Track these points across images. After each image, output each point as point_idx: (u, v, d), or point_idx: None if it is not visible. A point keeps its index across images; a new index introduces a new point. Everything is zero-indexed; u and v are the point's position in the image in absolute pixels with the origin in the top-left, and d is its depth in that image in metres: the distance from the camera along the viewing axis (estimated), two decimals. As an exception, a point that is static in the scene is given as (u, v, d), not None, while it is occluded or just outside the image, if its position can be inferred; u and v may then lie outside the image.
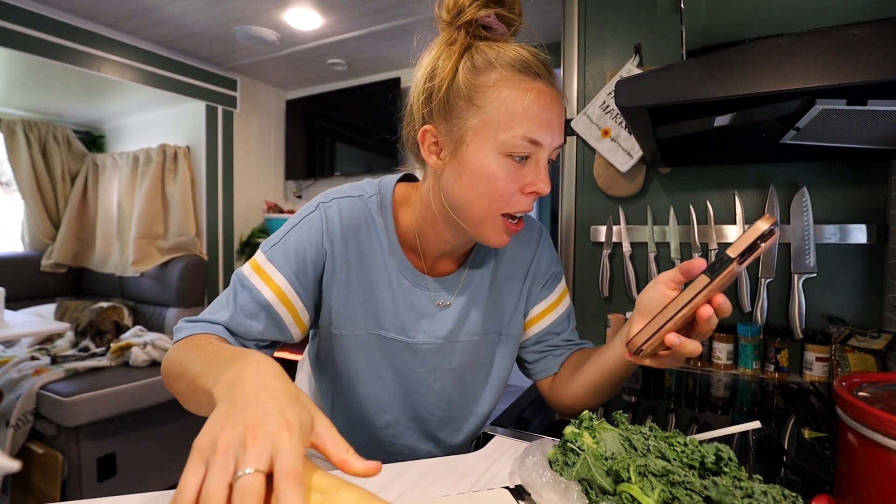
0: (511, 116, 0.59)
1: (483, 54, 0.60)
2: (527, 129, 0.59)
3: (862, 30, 0.55)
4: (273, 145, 3.46)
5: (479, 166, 0.60)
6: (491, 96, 0.59)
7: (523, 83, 0.59)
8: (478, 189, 0.61)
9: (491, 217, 0.62)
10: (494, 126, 0.59)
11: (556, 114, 0.61)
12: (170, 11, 2.27)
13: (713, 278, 0.48)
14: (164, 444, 2.09)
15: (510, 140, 0.59)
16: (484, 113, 0.59)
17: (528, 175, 0.61)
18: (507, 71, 0.60)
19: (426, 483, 0.59)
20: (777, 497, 0.44)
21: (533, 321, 0.80)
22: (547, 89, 0.60)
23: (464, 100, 0.60)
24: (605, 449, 0.52)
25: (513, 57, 0.60)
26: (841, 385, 0.47)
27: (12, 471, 1.52)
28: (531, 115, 0.59)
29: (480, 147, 0.60)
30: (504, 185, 0.60)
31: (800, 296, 1.12)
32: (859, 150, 0.95)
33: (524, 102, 0.59)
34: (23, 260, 3.05)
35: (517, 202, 0.62)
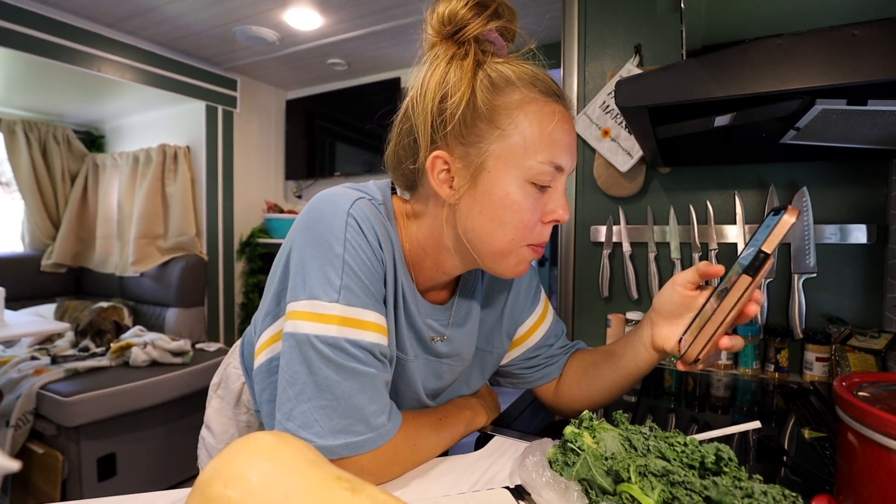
0: (538, 141, 0.55)
1: (498, 72, 0.56)
2: (553, 155, 0.55)
3: (862, 30, 0.55)
4: (273, 145, 3.46)
5: (505, 195, 0.55)
6: (516, 119, 0.55)
7: (547, 106, 0.56)
8: (501, 220, 0.56)
9: (517, 247, 0.58)
10: (520, 151, 0.55)
11: (574, 139, 0.59)
12: (170, 11, 2.27)
13: (755, 277, 0.49)
14: (164, 444, 2.09)
15: (537, 166, 0.55)
16: (508, 137, 0.55)
17: (548, 202, 0.58)
18: (530, 91, 0.56)
19: (426, 483, 0.59)
20: (777, 497, 0.44)
21: (522, 338, 0.78)
22: (566, 113, 0.58)
23: (485, 122, 0.55)
24: (605, 449, 0.52)
25: (532, 76, 0.57)
26: (841, 385, 0.47)
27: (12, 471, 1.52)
28: (556, 140, 0.56)
29: (504, 174, 0.55)
30: (529, 214, 0.56)
31: (800, 296, 1.12)
32: (859, 150, 0.95)
33: (550, 126, 0.55)
34: (23, 260, 3.05)
35: (540, 233, 0.58)
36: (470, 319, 0.71)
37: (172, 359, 2.17)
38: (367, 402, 0.53)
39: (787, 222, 0.48)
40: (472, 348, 0.72)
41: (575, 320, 1.43)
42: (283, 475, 0.37)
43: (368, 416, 0.53)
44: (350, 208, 0.57)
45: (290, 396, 0.53)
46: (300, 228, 0.58)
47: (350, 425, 0.52)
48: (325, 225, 0.56)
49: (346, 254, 0.55)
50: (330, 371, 0.52)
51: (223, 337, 3.15)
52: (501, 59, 0.58)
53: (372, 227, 0.57)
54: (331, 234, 0.55)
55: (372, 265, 0.56)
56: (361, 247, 0.56)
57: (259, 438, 0.40)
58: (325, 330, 0.53)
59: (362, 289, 0.55)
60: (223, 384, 0.78)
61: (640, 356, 0.65)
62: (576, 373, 0.76)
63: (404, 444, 0.58)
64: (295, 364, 0.53)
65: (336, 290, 0.54)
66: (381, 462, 0.55)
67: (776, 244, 0.48)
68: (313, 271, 0.55)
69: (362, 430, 0.53)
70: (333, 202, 0.57)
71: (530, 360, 0.78)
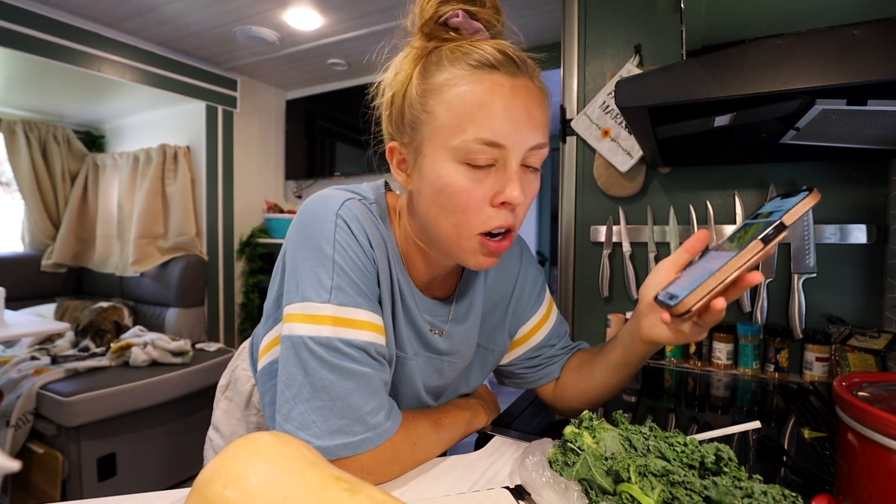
0: (461, 118, 0.52)
1: (436, 55, 0.55)
2: (480, 130, 0.51)
3: (862, 30, 0.55)
4: (273, 145, 3.46)
5: (437, 178, 0.54)
6: (443, 97, 0.53)
7: (475, 77, 0.52)
8: (440, 204, 0.54)
9: (464, 236, 0.55)
10: (445, 131, 0.52)
11: (523, 108, 0.52)
12: (170, 11, 2.27)
13: (767, 244, 0.49)
14: (164, 444, 2.09)
15: (462, 145, 0.51)
16: (434, 118, 0.53)
17: (495, 183, 0.53)
18: (459, 69, 0.52)
19: (426, 483, 0.59)
20: (777, 497, 0.44)
21: (524, 338, 0.77)
22: (507, 81, 0.52)
23: (417, 108, 0.54)
24: (605, 449, 0.52)
25: (466, 52, 0.53)
26: (841, 385, 0.47)
27: (12, 471, 1.52)
28: (486, 114, 0.51)
29: (435, 157, 0.54)
30: (466, 197, 0.53)
31: (800, 296, 1.12)
32: (859, 150, 0.95)
33: (475, 98, 0.51)
34: (23, 260, 3.06)
35: (490, 217, 0.54)
36: (471, 316, 0.70)
37: (172, 359, 2.17)
38: (364, 402, 0.53)
39: (811, 202, 0.49)
40: (472, 345, 0.72)
41: (575, 320, 1.43)
42: (282, 475, 0.37)
43: (365, 416, 0.53)
44: (339, 210, 0.57)
45: (288, 398, 0.53)
46: (293, 232, 0.59)
47: (347, 425, 0.52)
48: (316, 227, 0.57)
49: (335, 255, 0.55)
50: (325, 372, 0.52)
51: (223, 337, 3.15)
52: (451, 44, 0.55)
53: (362, 227, 0.58)
54: (321, 236, 0.56)
55: (363, 265, 0.57)
56: (351, 247, 0.56)
57: (258, 439, 0.40)
58: (319, 331, 0.53)
59: (354, 288, 0.55)
60: (231, 385, 0.78)
61: (630, 349, 0.64)
62: (572, 371, 0.76)
63: (404, 443, 0.58)
64: (291, 366, 0.54)
65: (327, 291, 0.54)
66: (381, 461, 0.55)
67: (796, 219, 0.49)
68: (305, 273, 0.55)
69: (359, 429, 0.53)
70: (323, 205, 0.58)
71: (532, 359, 0.78)
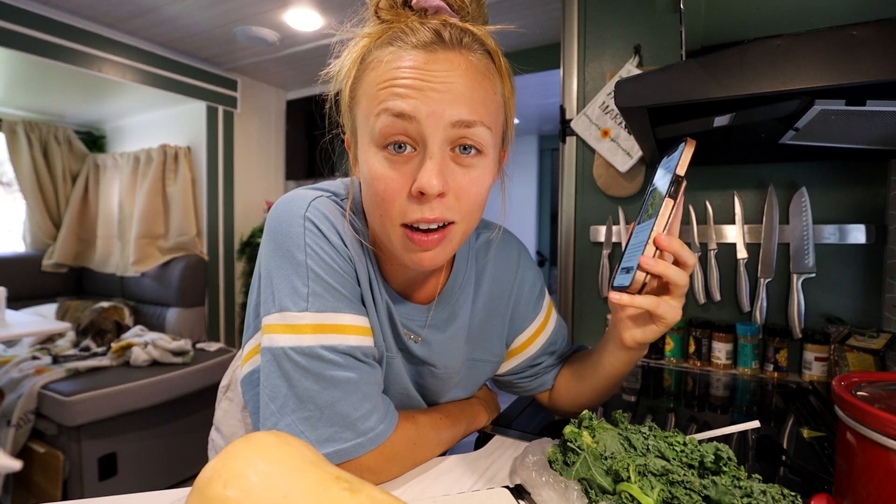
0: (374, 98, 0.49)
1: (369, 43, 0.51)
2: (388, 102, 0.47)
3: (861, 30, 0.55)
4: (273, 145, 3.46)
5: (363, 167, 0.51)
6: (361, 83, 0.50)
7: (392, 55, 0.48)
8: (367, 195, 0.52)
9: (389, 229, 0.51)
10: (365, 114, 0.50)
11: (441, 81, 0.47)
12: (170, 12, 2.27)
13: (675, 198, 0.52)
14: (165, 443, 2.10)
15: (376, 122, 0.48)
16: (358, 104, 0.51)
17: (415, 172, 0.48)
18: (380, 51, 0.49)
19: (426, 482, 0.59)
20: (776, 496, 0.44)
21: (522, 347, 0.74)
22: (424, 55, 0.47)
23: (349, 97, 0.53)
24: (605, 448, 0.53)
25: (394, 35, 0.49)
26: (840, 384, 0.47)
27: (14, 470, 1.52)
28: (395, 88, 0.47)
29: (362, 145, 0.51)
30: (384, 185, 0.49)
31: (799, 295, 1.12)
32: (858, 151, 0.95)
33: (387, 75, 0.48)
34: (24, 260, 3.06)
35: (408, 209, 0.49)
36: (453, 326, 0.66)
37: (173, 358, 2.18)
38: (352, 409, 0.52)
39: (690, 148, 0.53)
40: (458, 358, 0.68)
41: (575, 320, 1.43)
42: (282, 475, 0.37)
43: (355, 422, 0.52)
44: (306, 212, 0.55)
45: (273, 411, 0.52)
46: (264, 241, 0.57)
47: (336, 433, 0.51)
48: (284, 234, 0.54)
49: (308, 259, 0.53)
50: (309, 382, 0.51)
51: (223, 337, 3.15)
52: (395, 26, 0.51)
53: (332, 227, 0.55)
54: (290, 242, 0.54)
55: (338, 266, 0.54)
56: (324, 249, 0.54)
57: (258, 438, 0.40)
58: (300, 340, 0.51)
59: (331, 293, 0.53)
60: (232, 386, 0.77)
61: (615, 356, 0.63)
62: (565, 377, 0.75)
63: (404, 443, 0.58)
64: (274, 378, 0.52)
65: (304, 299, 0.52)
66: (381, 461, 0.55)
67: (685, 168, 0.53)
68: (280, 282, 0.54)
69: (350, 436, 0.52)
70: (289, 209, 0.56)
71: (531, 368, 0.75)
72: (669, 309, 0.52)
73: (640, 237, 0.54)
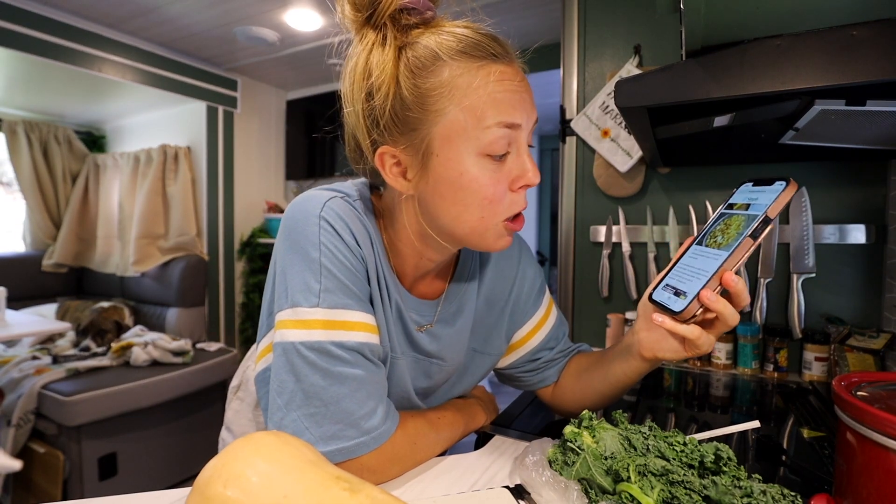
0: (478, 108, 0.51)
1: (422, 48, 0.52)
2: (501, 114, 0.51)
3: (861, 30, 0.55)
4: (273, 145, 3.46)
5: (459, 176, 0.52)
6: (448, 96, 0.51)
7: (481, 70, 0.51)
8: (464, 202, 0.53)
9: (491, 226, 0.55)
10: (462, 125, 0.51)
11: (527, 91, 0.54)
12: (170, 12, 2.27)
13: (757, 238, 0.49)
14: (164, 443, 2.10)
15: (485, 134, 0.51)
16: (445, 114, 0.51)
17: (513, 169, 0.54)
18: (458, 60, 0.51)
19: (426, 482, 0.59)
20: (776, 496, 0.44)
21: (522, 341, 0.75)
22: (509, 69, 0.53)
23: (417, 109, 0.52)
24: (605, 448, 0.53)
25: (458, 40, 0.51)
26: (840, 384, 0.47)
27: (14, 470, 1.52)
28: (500, 99, 0.51)
29: (453, 154, 0.52)
30: (493, 189, 0.53)
31: (799, 295, 1.12)
32: (858, 151, 0.95)
33: (488, 88, 0.51)
34: (24, 260, 3.06)
35: (514, 202, 0.55)
36: (460, 319, 0.68)
37: (173, 358, 2.18)
38: (357, 407, 0.53)
39: (791, 192, 0.50)
40: (463, 350, 0.70)
41: (575, 320, 1.43)
42: (282, 475, 0.38)
43: (359, 420, 0.53)
44: (321, 211, 0.56)
45: (280, 406, 0.53)
46: (280, 239, 0.58)
47: (340, 431, 0.52)
48: (300, 232, 0.56)
49: (322, 257, 0.54)
50: (317, 377, 0.52)
51: (224, 337, 3.15)
52: (427, 29, 0.53)
53: (346, 226, 0.57)
54: (306, 240, 0.55)
55: (351, 265, 0.56)
56: (338, 248, 0.55)
57: (259, 438, 0.40)
58: (310, 335, 0.53)
59: (343, 290, 0.55)
60: (243, 386, 0.78)
61: (629, 366, 0.63)
62: (571, 377, 0.75)
63: (404, 443, 0.58)
64: (282, 373, 0.53)
65: (315, 295, 0.54)
66: (381, 461, 0.55)
67: (779, 211, 0.50)
68: (294, 279, 0.55)
69: (353, 434, 0.52)
70: (305, 208, 0.57)
71: (531, 362, 0.76)
72: (706, 342, 0.53)
73: (702, 263, 0.53)
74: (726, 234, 0.52)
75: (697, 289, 0.50)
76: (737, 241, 0.50)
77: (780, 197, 0.50)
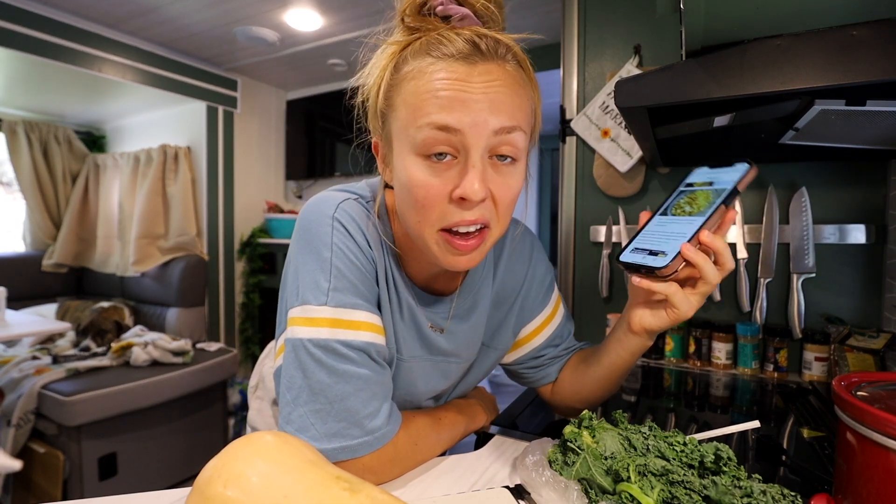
0: (415, 108, 0.49)
1: (411, 49, 0.52)
2: (432, 115, 0.48)
3: (861, 30, 0.55)
4: (273, 145, 3.46)
5: (401, 173, 0.52)
6: (403, 90, 0.51)
7: (434, 67, 0.49)
8: (405, 201, 0.53)
9: (427, 233, 0.53)
10: (404, 123, 0.51)
11: (481, 92, 0.48)
12: (170, 12, 2.27)
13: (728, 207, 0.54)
14: (165, 443, 2.10)
15: (419, 133, 0.49)
16: (396, 111, 0.52)
17: (456, 177, 0.50)
18: (419, 60, 0.50)
19: (426, 482, 0.59)
20: (776, 496, 0.44)
21: (528, 337, 0.76)
22: (464, 68, 0.49)
23: (384, 103, 0.53)
24: (605, 448, 0.53)
25: (431, 44, 0.50)
26: (840, 384, 0.47)
27: (14, 470, 1.52)
28: (439, 100, 0.48)
29: (400, 152, 0.52)
30: (424, 192, 0.50)
31: (799, 295, 1.12)
32: (858, 151, 0.95)
33: (429, 87, 0.49)
34: (24, 260, 3.06)
35: (447, 213, 0.51)
36: (474, 314, 0.69)
37: (173, 358, 2.18)
38: (362, 406, 0.53)
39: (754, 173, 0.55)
40: (476, 345, 0.71)
41: (575, 320, 1.43)
42: (282, 475, 0.38)
43: (363, 420, 0.53)
44: (335, 213, 0.57)
45: (288, 401, 0.54)
46: (294, 239, 0.60)
47: (344, 429, 0.53)
48: (313, 233, 0.57)
49: (333, 257, 0.56)
50: (323, 374, 0.53)
51: (224, 337, 3.15)
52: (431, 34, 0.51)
53: (359, 228, 0.58)
54: (318, 241, 0.57)
55: (361, 265, 0.57)
56: (350, 248, 0.56)
57: (259, 438, 0.41)
58: (317, 333, 0.54)
59: (351, 290, 0.56)
60: (260, 385, 0.80)
61: (622, 345, 0.65)
62: (569, 371, 0.76)
63: (405, 443, 0.59)
64: (291, 369, 0.54)
65: (324, 293, 0.55)
66: (382, 461, 0.56)
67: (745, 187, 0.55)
68: (305, 277, 0.56)
69: (357, 433, 0.53)
70: (319, 209, 0.58)
71: (535, 359, 0.77)
72: (685, 300, 0.54)
73: (675, 228, 0.55)
74: (695, 205, 0.55)
75: (678, 246, 0.52)
76: (709, 209, 0.53)
77: (746, 176, 0.54)
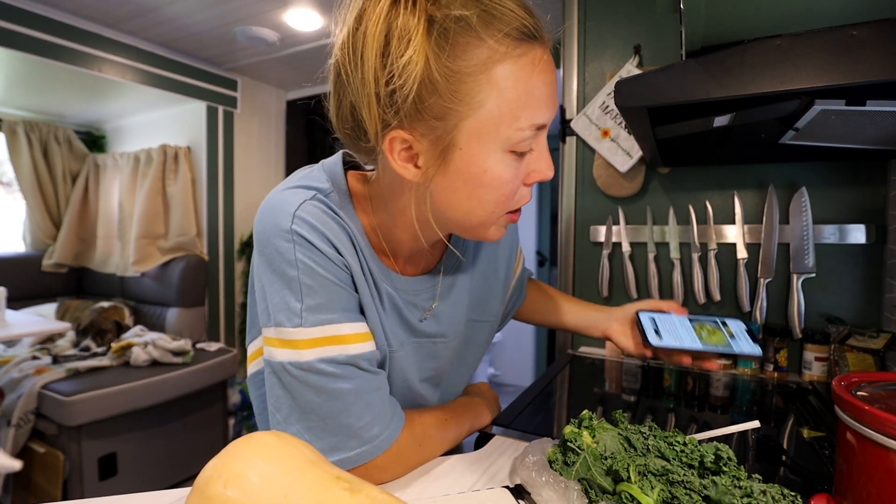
0: (515, 105, 0.46)
1: (457, 22, 0.43)
2: (534, 116, 0.47)
3: (861, 30, 0.55)
4: (273, 146, 3.46)
5: (482, 172, 0.48)
6: (487, 84, 0.45)
7: (523, 57, 0.45)
8: (480, 198, 0.50)
9: (496, 217, 0.53)
10: (496, 121, 0.46)
11: (555, 83, 0.50)
12: (170, 12, 2.27)
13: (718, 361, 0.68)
14: (164, 443, 2.10)
15: (516, 134, 0.47)
16: (480, 107, 0.45)
17: (531, 163, 0.51)
18: (498, 42, 0.44)
19: (426, 482, 0.59)
20: (776, 496, 0.44)
21: None
22: (542, 53, 0.47)
23: (447, 96, 0.45)
24: (605, 448, 0.53)
25: (497, 17, 0.44)
26: (840, 384, 0.47)
27: (14, 470, 1.52)
28: (536, 97, 0.47)
29: (479, 150, 0.47)
30: (511, 186, 0.50)
31: (799, 295, 1.12)
32: (858, 151, 0.95)
33: (529, 82, 0.46)
34: (24, 260, 3.06)
35: (523, 196, 0.53)
36: (454, 290, 0.67)
37: (173, 358, 2.18)
38: (356, 419, 0.52)
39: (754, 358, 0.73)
40: (461, 321, 0.69)
41: (575, 320, 1.43)
42: (282, 475, 0.38)
43: (359, 431, 0.52)
44: (292, 224, 0.51)
45: (279, 420, 0.53)
46: (255, 251, 0.56)
47: (341, 442, 0.52)
48: (273, 249, 0.52)
49: (300, 275, 0.51)
50: (311, 395, 0.51)
51: (224, 337, 3.15)
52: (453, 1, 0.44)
53: (322, 235, 0.52)
54: (281, 258, 0.52)
55: (333, 276, 0.52)
56: (316, 261, 0.52)
57: (259, 438, 0.40)
58: (298, 356, 0.51)
59: (327, 305, 0.52)
60: None
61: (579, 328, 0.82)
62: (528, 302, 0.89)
63: (410, 443, 0.59)
64: (276, 389, 0.53)
65: (297, 315, 0.51)
66: (386, 461, 0.56)
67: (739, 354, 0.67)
68: (273, 297, 0.53)
69: (355, 444, 0.52)
70: (274, 223, 0.52)
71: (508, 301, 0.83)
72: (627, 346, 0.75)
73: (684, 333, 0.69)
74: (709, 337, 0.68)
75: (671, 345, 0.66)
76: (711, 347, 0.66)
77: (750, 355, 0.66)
